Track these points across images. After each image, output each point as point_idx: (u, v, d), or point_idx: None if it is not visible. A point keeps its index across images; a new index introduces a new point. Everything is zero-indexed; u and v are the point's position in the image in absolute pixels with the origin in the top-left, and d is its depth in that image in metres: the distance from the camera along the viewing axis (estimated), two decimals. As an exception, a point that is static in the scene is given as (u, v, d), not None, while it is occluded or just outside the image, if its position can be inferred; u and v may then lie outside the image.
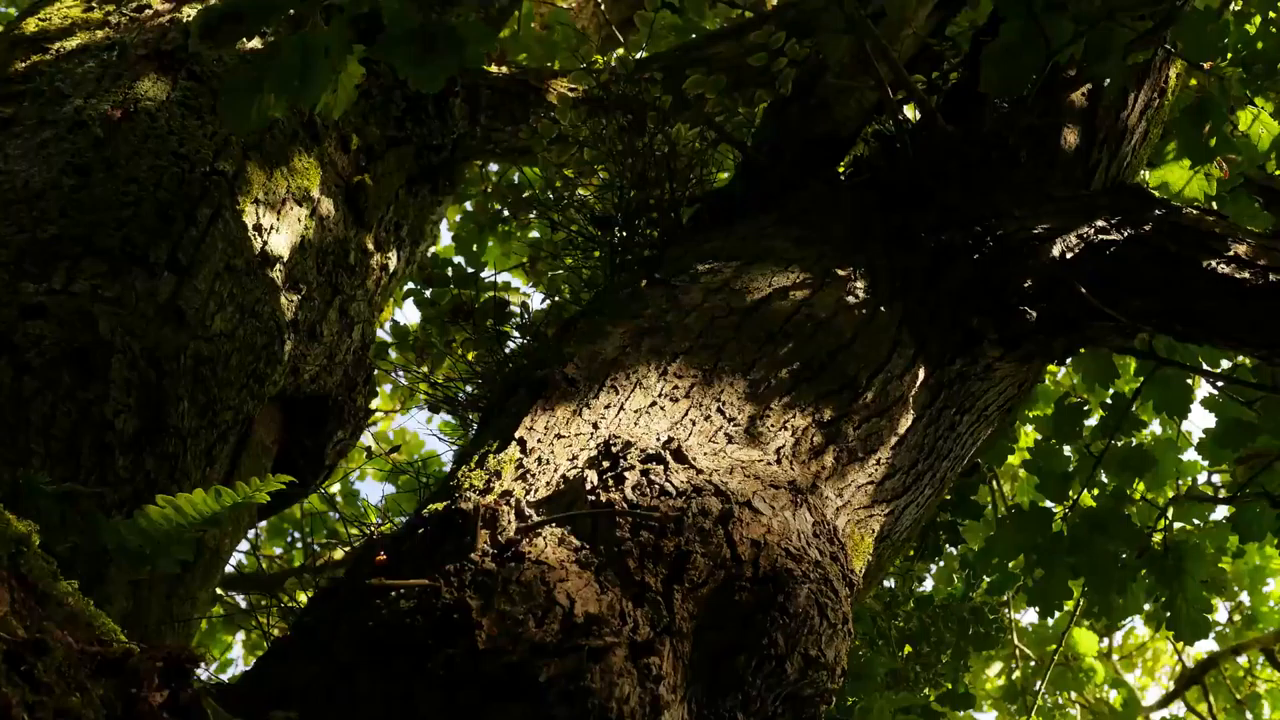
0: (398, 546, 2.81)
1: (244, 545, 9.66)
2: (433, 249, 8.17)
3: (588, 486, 2.81)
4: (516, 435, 3.08)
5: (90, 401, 3.79)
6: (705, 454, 3.02)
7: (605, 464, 2.88)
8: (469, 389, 4.26)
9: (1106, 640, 12.73)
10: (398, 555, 2.75)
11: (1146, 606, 6.87)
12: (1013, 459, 8.79)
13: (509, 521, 2.68)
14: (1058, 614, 9.47)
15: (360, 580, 2.65)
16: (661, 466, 2.85)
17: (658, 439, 3.02)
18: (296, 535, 10.91)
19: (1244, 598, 10.92)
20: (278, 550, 11.14)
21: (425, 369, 6.55)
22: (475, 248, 9.04)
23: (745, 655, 2.71)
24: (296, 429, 5.60)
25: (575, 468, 2.93)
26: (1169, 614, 6.32)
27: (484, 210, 8.86)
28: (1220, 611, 11.50)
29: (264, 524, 11.21)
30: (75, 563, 2.81)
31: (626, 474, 2.82)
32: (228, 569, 7.87)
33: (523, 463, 2.97)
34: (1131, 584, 6.26)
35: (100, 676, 2.21)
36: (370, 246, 5.66)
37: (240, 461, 4.78)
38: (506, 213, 8.85)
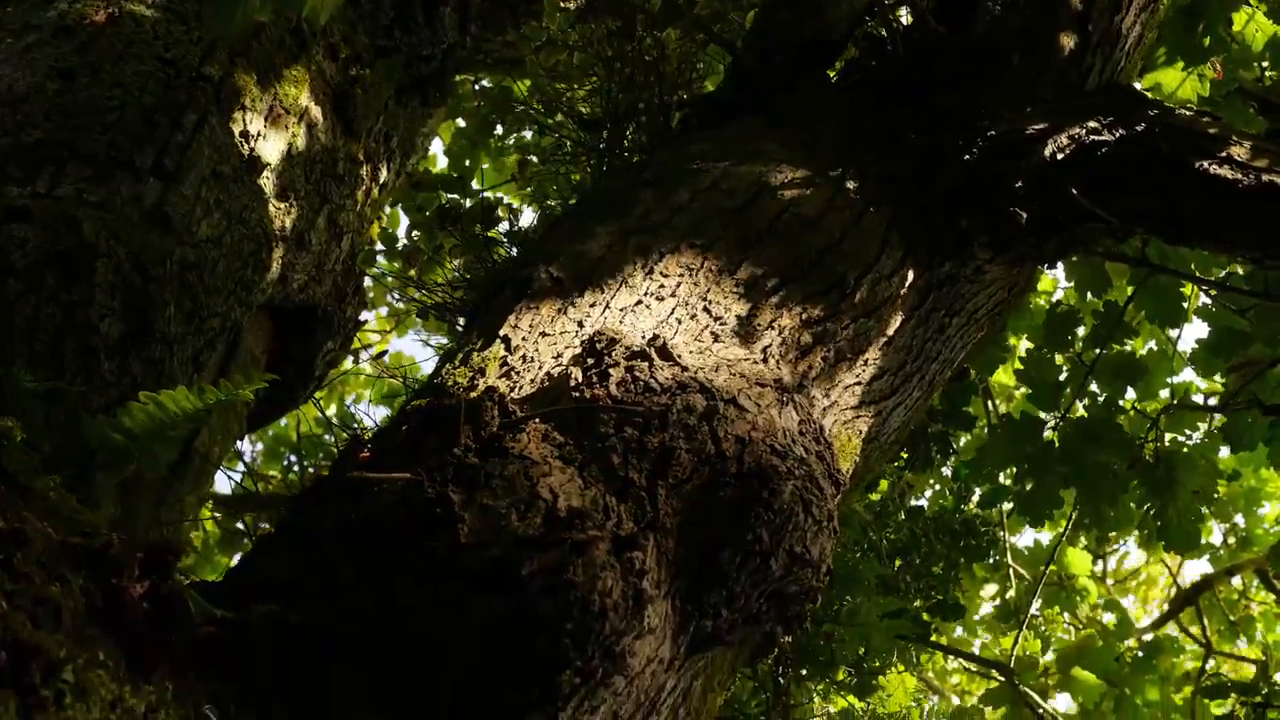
0: (382, 443, 2.80)
1: (241, 468, 9.68)
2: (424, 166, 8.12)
3: (572, 383, 2.79)
4: (501, 333, 3.06)
5: (75, 305, 3.76)
6: (691, 352, 3.00)
7: (590, 361, 2.86)
8: (457, 295, 4.24)
9: (1101, 564, 12.77)
10: (381, 451, 2.74)
11: (1140, 532, 6.88)
12: (1006, 377, 8.79)
13: (492, 417, 2.67)
14: (1050, 535, 9.50)
15: (344, 475, 2.64)
16: (646, 364, 2.83)
17: (643, 337, 3.01)
18: (293, 459, 10.93)
19: (1239, 519, 10.94)
20: (274, 473, 11.16)
21: (413, 274, 6.53)
22: (468, 163, 8.99)
23: (730, 551, 2.70)
24: (286, 339, 5.58)
25: (560, 365, 2.92)
26: (1160, 524, 6.32)
27: (474, 118, 8.79)
28: (1215, 534, 11.53)
29: (260, 447, 11.25)
30: (60, 464, 2.80)
31: (611, 371, 2.80)
32: (225, 491, 7.88)
33: (507, 360, 2.96)
34: (1123, 495, 6.26)
35: (80, 567, 2.20)
36: (359, 156, 5.61)
37: (229, 370, 4.76)
38: (498, 127, 8.79)
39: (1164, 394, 7.05)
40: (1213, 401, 6.53)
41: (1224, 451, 10.78)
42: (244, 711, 2.26)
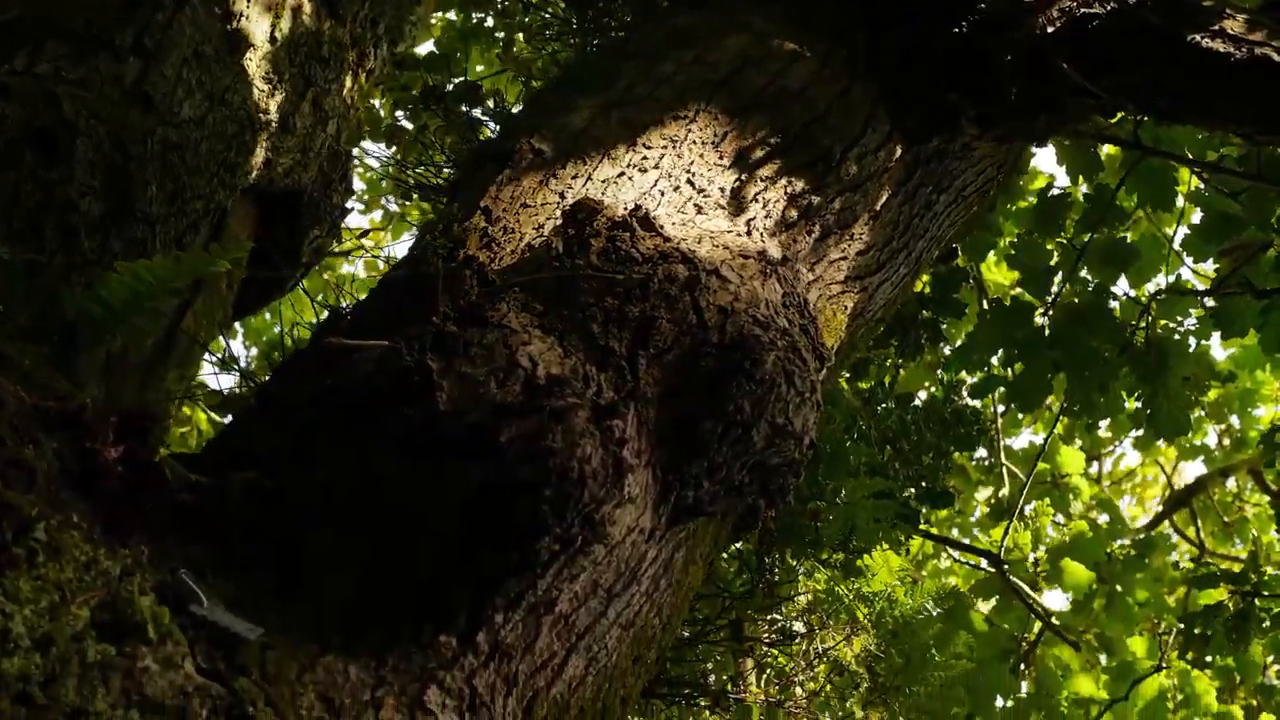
0: (361, 313, 2.78)
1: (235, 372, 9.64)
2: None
3: (553, 254, 2.76)
4: (481, 205, 3.03)
5: (54, 182, 3.72)
6: (674, 224, 2.97)
7: (571, 232, 2.83)
8: (442, 175, 4.20)
9: (1096, 466, 12.78)
10: (360, 321, 2.72)
11: (1135, 433, 6.87)
12: (1000, 276, 8.75)
13: (471, 286, 2.65)
14: (1047, 436, 9.48)
15: (322, 344, 2.62)
16: (628, 234, 2.81)
17: (626, 208, 2.97)
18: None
19: (1234, 421, 10.94)
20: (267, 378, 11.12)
21: (398, 155, 6.48)
22: (458, 54, 8.90)
23: (711, 422, 2.69)
24: (272, 225, 5.55)
25: (541, 236, 2.89)
26: (1150, 412, 6.31)
27: (462, 12, 8.70)
28: (1210, 435, 11.53)
29: (255, 351, 11.22)
30: (40, 336, 2.78)
31: (592, 241, 2.77)
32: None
33: (487, 231, 2.93)
34: (1113, 382, 6.25)
35: (54, 431, 2.19)
36: (345, 41, 5.54)
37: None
38: (488, 19, 8.69)
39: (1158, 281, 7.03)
40: (1206, 295, 6.49)
41: (1218, 350, 10.78)
42: (222, 578, 2.25)
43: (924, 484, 6.31)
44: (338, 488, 2.41)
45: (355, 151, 6.27)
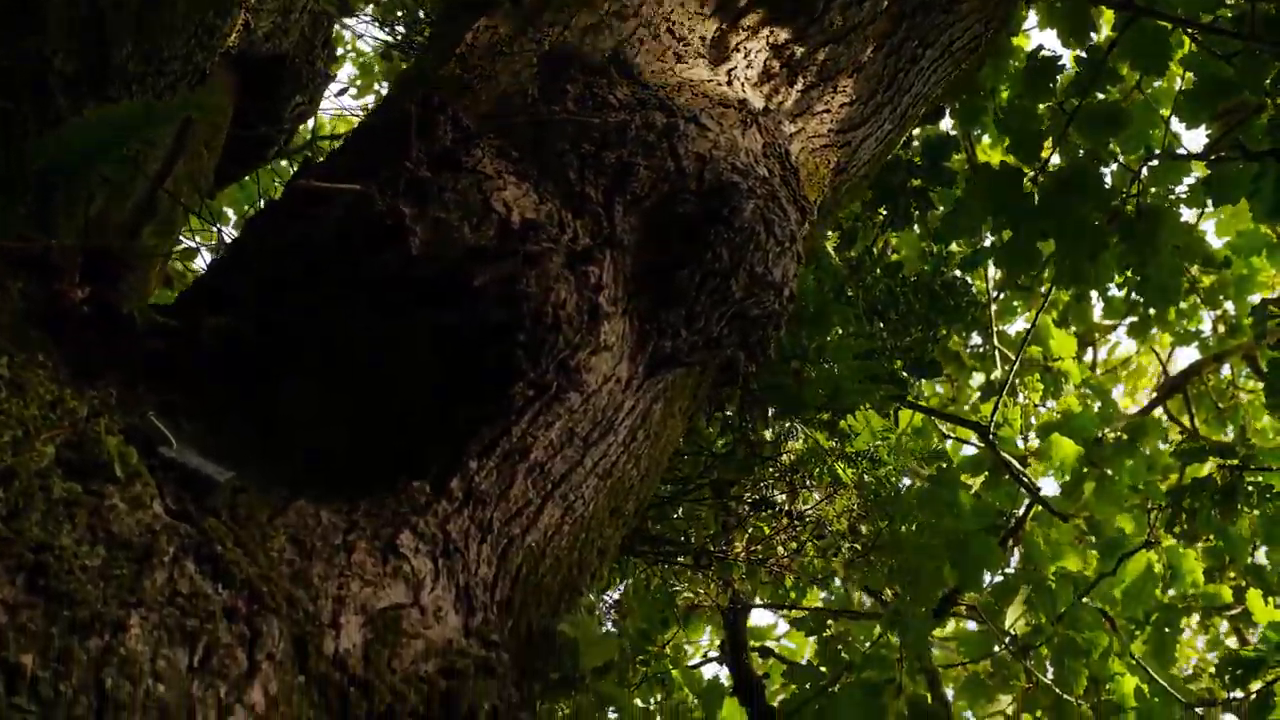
0: (334, 160, 2.74)
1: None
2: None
3: (529, 100, 2.72)
4: (458, 53, 2.98)
5: (27, 40, 3.65)
6: (653, 71, 2.92)
7: (548, 78, 2.78)
8: (424, 31, 4.13)
9: (1091, 354, 12.73)
10: (334, 167, 2.68)
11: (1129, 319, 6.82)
12: (994, 157, 8.65)
13: (445, 132, 2.60)
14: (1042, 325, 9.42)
15: (293, 188, 2.58)
16: (605, 81, 2.76)
17: (604, 55, 2.92)
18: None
19: (1229, 307, 10.88)
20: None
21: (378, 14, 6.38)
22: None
23: (689, 269, 2.66)
24: (254, 92, 5.49)
25: (517, 83, 2.84)
26: (1140, 280, 6.28)
27: None
28: (1205, 321, 11.49)
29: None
30: (12, 187, 2.74)
31: (569, 87, 2.73)
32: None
33: (464, 78, 2.88)
34: (1103, 251, 6.20)
35: (19, 271, 2.16)
36: (324, -101, 5.45)
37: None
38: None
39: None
40: (1198, 159, 6.42)
41: (1214, 238, 10.70)
42: (193, 423, 2.23)
43: (912, 354, 6.29)
44: (311, 334, 2.39)
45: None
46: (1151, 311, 11.28)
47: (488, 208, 2.43)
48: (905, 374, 6.34)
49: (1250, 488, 6.99)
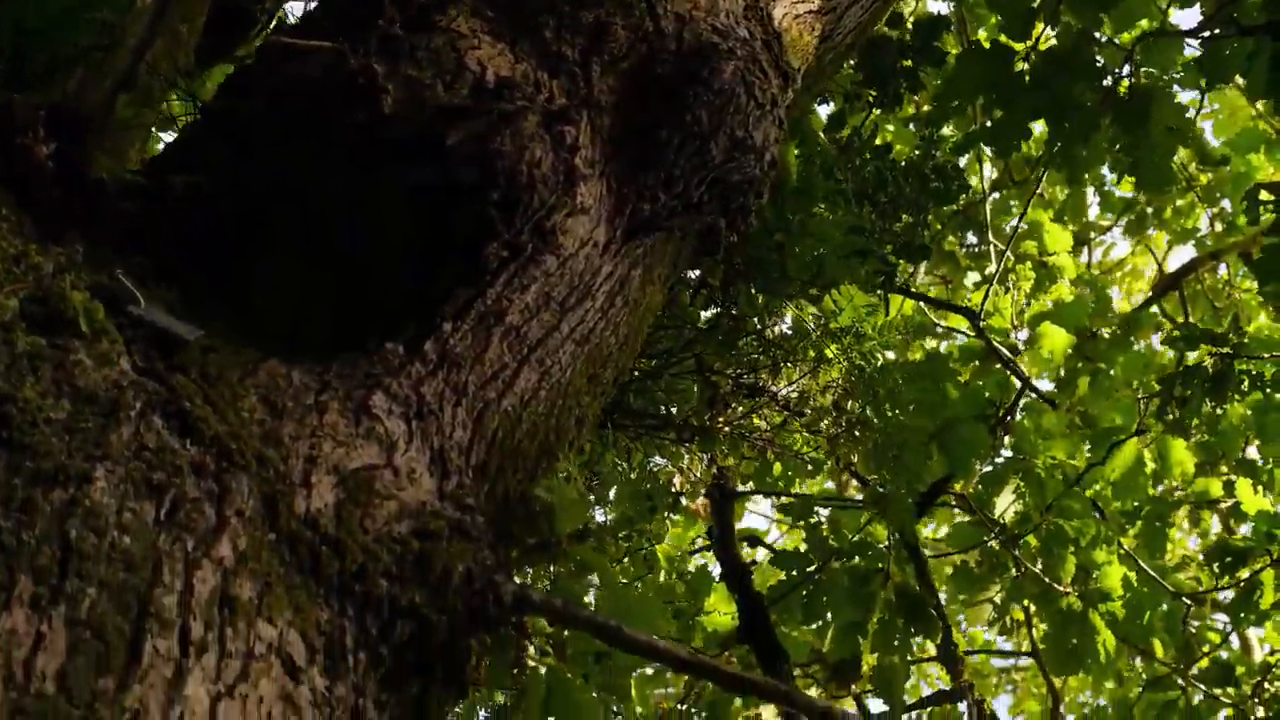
0: (307, 21, 2.69)
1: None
2: None
3: (504, -42, 2.66)
4: (433, -88, 2.91)
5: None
6: (631, -70, 2.86)
7: (524, -63, 2.72)
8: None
9: (1086, 254, 12.64)
10: (308, 27, 2.63)
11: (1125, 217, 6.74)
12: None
13: (419, -11, 2.55)
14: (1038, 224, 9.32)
15: (269, 49, 2.54)
16: (583, -60, 2.70)
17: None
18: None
19: (1225, 205, 10.80)
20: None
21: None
22: None
23: (667, 131, 2.62)
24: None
25: (494, -58, 2.78)
26: (1132, 162, 6.21)
27: None
28: (1202, 221, 11.41)
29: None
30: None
31: (545, -55, 2.67)
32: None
33: (438, -63, 2.82)
34: (1094, 133, 6.13)
35: (-20, 127, 2.12)
36: None
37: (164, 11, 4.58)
38: None
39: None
40: (1191, 35, 6.32)
41: (1210, 137, 10.59)
42: (161, 284, 2.20)
43: (901, 238, 6.22)
44: (282, 194, 2.35)
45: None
46: (1149, 209, 11.24)
47: (461, 66, 2.38)
48: (894, 256, 6.27)
49: (1242, 376, 6.97)
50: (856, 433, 4.18)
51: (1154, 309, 11.20)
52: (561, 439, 2.62)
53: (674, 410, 3.88)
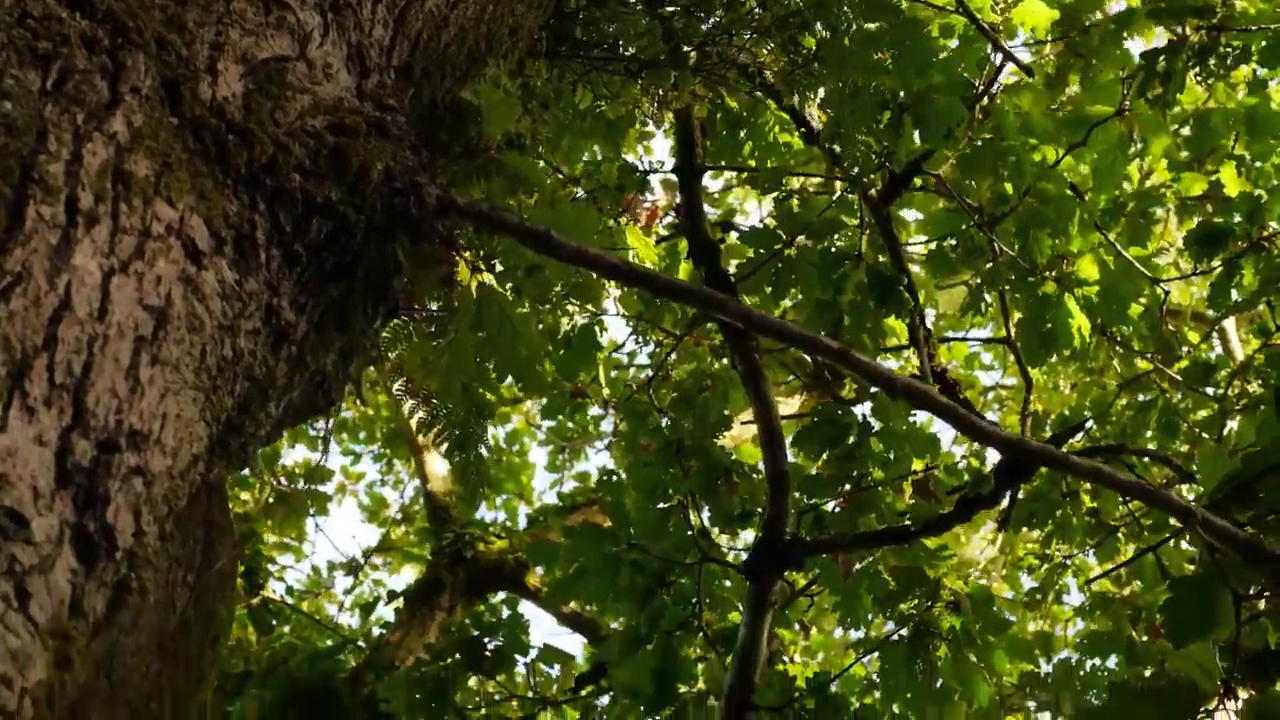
0: None
1: None
2: None
3: None
4: None
5: None
6: None
7: None
8: None
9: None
10: None
11: None
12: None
13: None
14: None
15: None
16: None
17: None
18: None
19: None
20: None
21: None
22: None
23: None
24: None
25: None
26: None
27: None
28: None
29: None
30: None
31: None
32: None
33: None
34: None
35: None
36: None
37: None
38: None
39: None
40: None
41: None
42: None
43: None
44: None
45: None
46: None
47: None
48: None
49: (1227, 50, 6.80)
50: (814, 68, 3.99)
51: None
52: (493, 48, 2.51)
53: (622, 43, 3.71)
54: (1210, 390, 8.43)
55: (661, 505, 5.32)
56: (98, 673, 1.86)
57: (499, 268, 2.51)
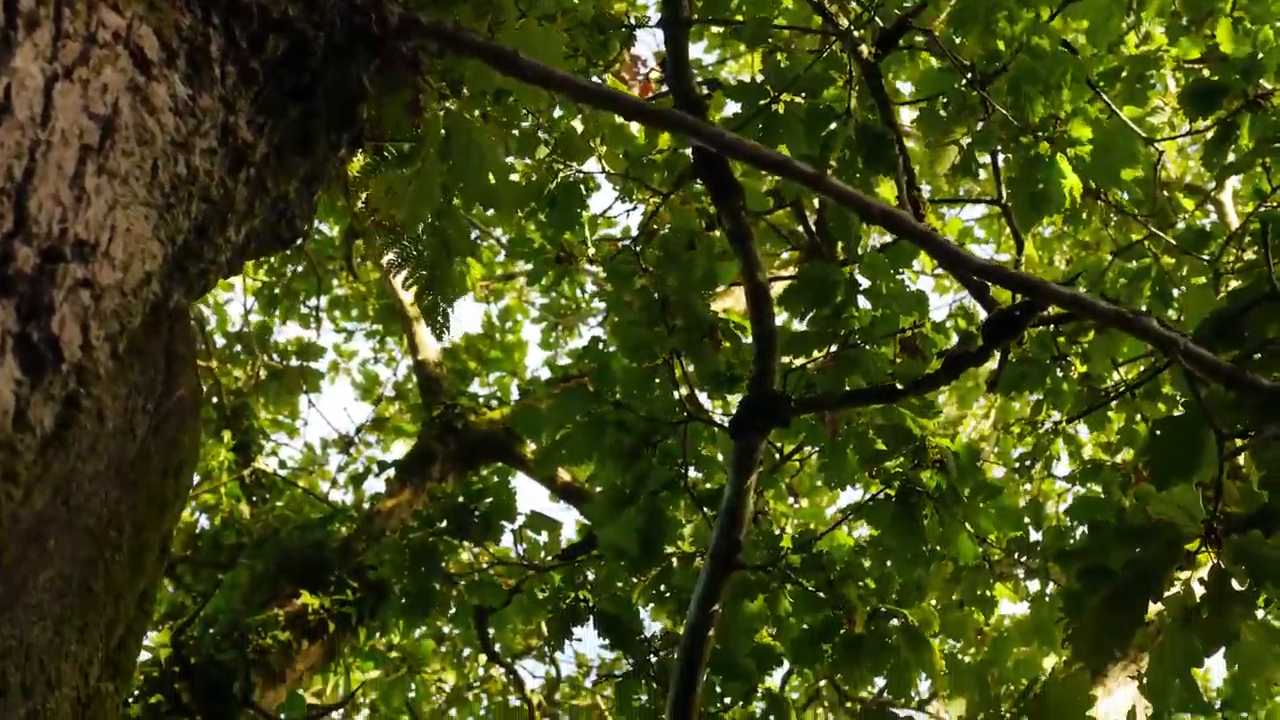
0: None
1: None
2: None
3: None
4: None
5: None
6: None
7: None
8: None
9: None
10: None
11: None
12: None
13: None
14: None
15: None
16: None
17: None
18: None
19: None
20: None
21: None
22: None
23: None
24: None
25: None
26: None
27: None
28: None
29: None
30: None
31: None
32: None
33: None
34: None
35: None
36: None
37: None
38: None
39: None
40: None
41: None
42: None
43: None
44: None
45: None
46: None
47: None
48: None
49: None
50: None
51: None
52: None
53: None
54: (1206, 259, 8.35)
55: (647, 365, 5.28)
56: (55, 498, 1.82)
57: (466, 94, 2.44)
